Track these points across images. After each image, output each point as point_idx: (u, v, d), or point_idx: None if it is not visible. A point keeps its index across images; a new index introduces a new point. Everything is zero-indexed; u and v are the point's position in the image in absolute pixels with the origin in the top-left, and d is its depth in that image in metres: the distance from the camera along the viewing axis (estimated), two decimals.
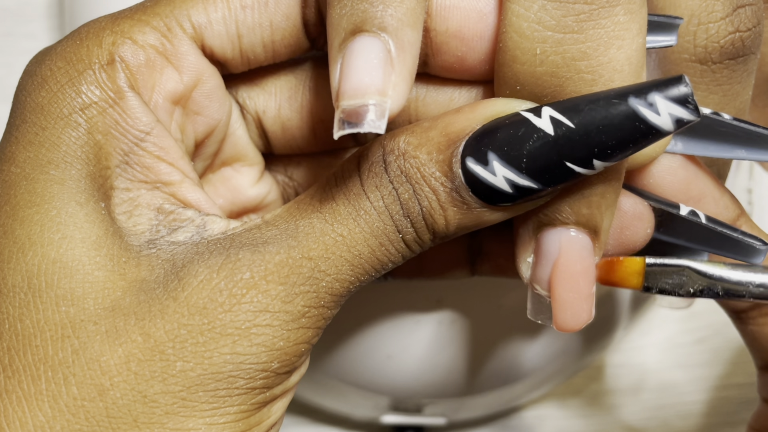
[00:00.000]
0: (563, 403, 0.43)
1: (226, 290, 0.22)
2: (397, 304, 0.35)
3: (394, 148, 0.23)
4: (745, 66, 0.27)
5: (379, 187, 0.23)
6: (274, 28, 0.25)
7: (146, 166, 0.24)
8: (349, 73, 0.21)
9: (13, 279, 0.22)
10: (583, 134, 0.21)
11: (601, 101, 0.21)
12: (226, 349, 0.22)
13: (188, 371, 0.22)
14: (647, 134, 0.21)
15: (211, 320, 0.22)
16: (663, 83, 0.21)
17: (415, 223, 0.23)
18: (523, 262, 0.25)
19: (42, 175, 0.23)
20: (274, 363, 0.23)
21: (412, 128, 0.23)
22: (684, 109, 0.21)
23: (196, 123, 0.26)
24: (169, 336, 0.22)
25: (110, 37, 0.24)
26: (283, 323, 0.22)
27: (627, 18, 0.23)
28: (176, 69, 0.25)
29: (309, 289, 0.23)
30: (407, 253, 0.24)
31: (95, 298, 0.22)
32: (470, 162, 0.22)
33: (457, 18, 0.24)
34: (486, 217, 0.23)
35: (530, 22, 0.22)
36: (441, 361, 0.36)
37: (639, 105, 0.21)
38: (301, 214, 0.24)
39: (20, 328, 0.22)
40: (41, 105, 0.23)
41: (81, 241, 0.23)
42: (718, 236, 0.26)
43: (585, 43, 0.22)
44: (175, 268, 0.23)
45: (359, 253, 0.23)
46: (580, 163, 0.22)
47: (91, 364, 0.22)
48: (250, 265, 0.22)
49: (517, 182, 0.22)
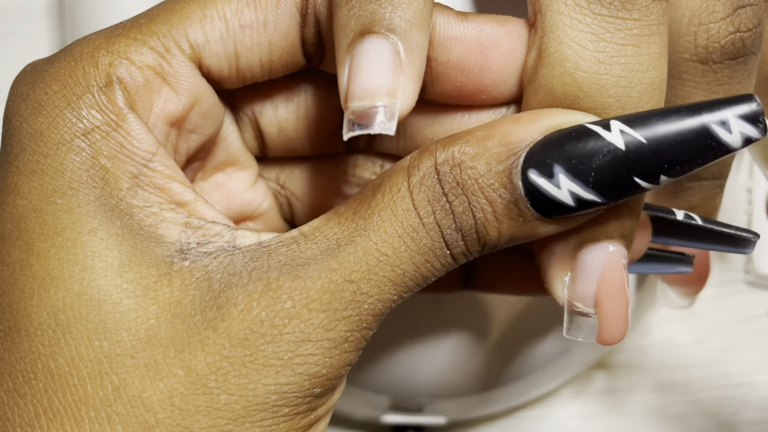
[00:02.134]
0: (563, 403, 0.43)
1: (268, 321, 0.22)
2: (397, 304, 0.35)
3: (449, 159, 0.22)
4: (745, 66, 0.27)
5: (432, 201, 0.22)
6: (272, 48, 0.24)
7: (159, 186, 0.23)
8: (358, 74, 0.21)
9: (39, 317, 0.22)
10: (655, 150, 0.21)
11: (672, 116, 0.21)
12: (269, 380, 0.22)
13: (233, 404, 0.21)
14: (716, 151, 0.21)
15: (253, 352, 0.21)
16: (734, 101, 0.21)
17: (467, 236, 0.22)
18: (559, 282, 0.24)
19: (49, 205, 0.22)
20: (316, 389, 0.22)
21: (466, 137, 0.22)
22: (755, 128, 0.21)
23: (190, 140, 0.25)
24: (210, 369, 0.21)
25: (106, 57, 0.23)
26: (325, 351, 0.22)
27: (667, 37, 0.23)
28: (174, 91, 0.24)
29: (351, 313, 0.22)
30: (452, 266, 0.23)
31: (128, 329, 0.22)
32: (533, 174, 0.22)
33: (459, 50, 0.24)
34: (540, 229, 0.23)
35: (587, 33, 0.22)
36: (441, 361, 0.36)
37: (712, 122, 0.21)
38: (341, 229, 0.23)
39: (54, 367, 0.21)
40: (40, 131, 0.23)
41: (102, 270, 0.22)
42: (713, 233, 0.26)
43: (644, 56, 0.22)
44: (212, 291, 0.22)
45: (403, 271, 0.22)
46: (647, 178, 0.21)
47: (134, 402, 0.21)
48: (290, 293, 0.22)
49: (581, 196, 0.22)
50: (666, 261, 0.29)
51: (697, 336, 0.43)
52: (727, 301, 0.43)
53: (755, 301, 0.43)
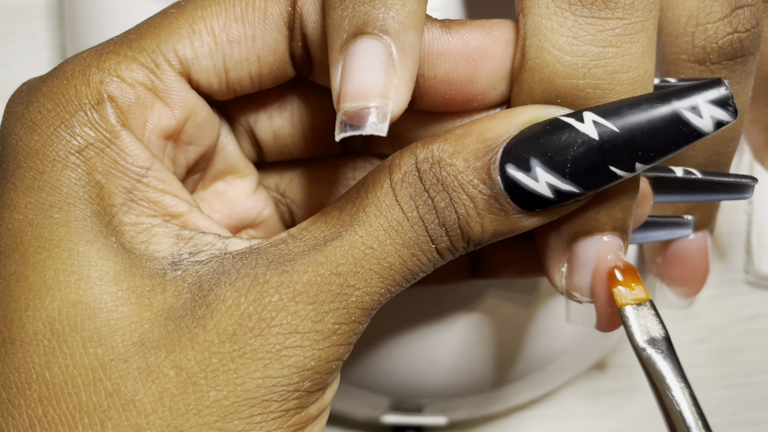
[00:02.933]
0: (563, 403, 0.43)
1: (255, 314, 0.22)
2: (397, 304, 0.35)
3: (428, 157, 0.23)
4: (743, 67, 0.27)
5: (414, 197, 0.23)
6: (261, 63, 0.25)
7: (152, 200, 0.24)
8: (350, 75, 0.21)
9: (34, 326, 0.22)
10: (628, 138, 0.22)
11: (643, 105, 0.22)
12: (257, 374, 0.22)
13: (222, 400, 0.22)
14: (689, 136, 0.22)
15: (242, 346, 0.22)
16: (704, 86, 0.21)
17: (450, 232, 0.23)
18: (556, 273, 0.25)
19: (46, 219, 0.23)
20: (305, 383, 0.22)
21: (445, 135, 0.23)
22: (725, 111, 0.21)
23: (188, 152, 0.26)
24: (200, 366, 0.22)
25: (97, 75, 0.23)
26: (313, 343, 0.22)
27: (654, 32, 0.23)
28: (167, 105, 0.24)
29: (339, 305, 0.22)
30: (439, 262, 0.24)
31: (122, 335, 0.22)
32: (511, 169, 0.22)
33: (445, 65, 0.24)
34: (522, 222, 0.23)
35: (567, 36, 0.23)
36: (441, 361, 0.36)
37: (682, 108, 0.21)
38: (327, 226, 0.23)
39: (49, 376, 0.22)
40: (35, 149, 0.23)
41: (98, 279, 0.22)
42: (713, 184, 0.27)
43: (624, 57, 0.23)
44: (202, 291, 0.22)
45: (390, 264, 0.23)
46: (623, 167, 0.22)
47: (127, 405, 0.21)
48: (278, 286, 0.22)
49: (559, 187, 0.22)
50: (666, 226, 0.29)
51: (697, 336, 0.43)
52: (727, 301, 0.43)
53: (755, 301, 0.43)
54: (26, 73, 0.43)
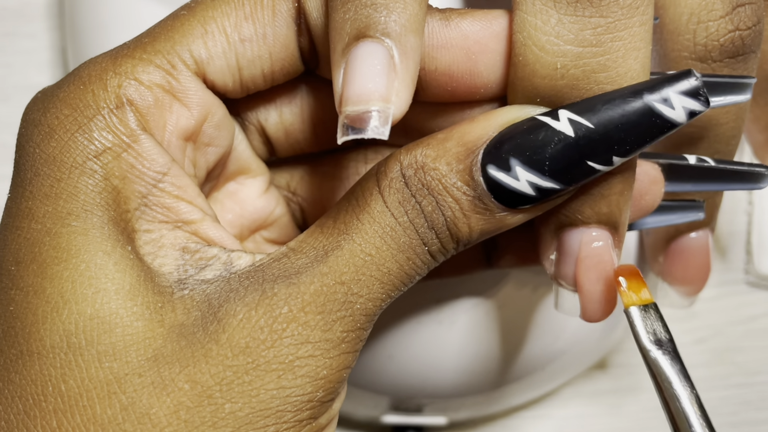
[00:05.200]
0: (563, 403, 0.43)
1: (267, 327, 0.22)
2: (397, 304, 0.34)
3: (412, 162, 0.23)
4: (745, 65, 0.27)
5: (402, 203, 0.23)
6: (273, 59, 0.25)
7: (166, 206, 0.24)
8: (352, 79, 0.21)
9: (51, 339, 0.22)
10: (603, 133, 0.22)
11: (616, 100, 0.22)
12: (271, 385, 0.22)
13: (236, 412, 0.22)
14: (663, 128, 0.22)
15: (255, 358, 0.22)
16: (674, 78, 0.22)
17: (440, 234, 0.23)
18: (546, 260, 0.26)
19: (64, 228, 0.23)
20: (319, 392, 0.23)
21: (427, 141, 0.23)
22: (696, 101, 0.22)
23: (208, 154, 0.26)
24: (215, 380, 0.22)
25: (114, 79, 0.23)
26: (324, 351, 0.22)
27: (642, 29, 0.23)
28: (185, 106, 0.24)
29: (345, 314, 0.23)
30: (432, 264, 0.24)
31: (137, 350, 0.22)
32: (492, 169, 0.23)
33: (446, 58, 0.24)
34: (508, 220, 0.24)
35: (549, 35, 0.23)
36: (441, 361, 0.36)
37: (654, 101, 0.22)
38: (325, 236, 0.23)
39: (64, 389, 0.22)
40: (53, 156, 0.23)
41: (115, 293, 0.22)
42: (727, 173, 0.27)
43: (604, 56, 0.23)
44: (212, 308, 0.22)
45: (388, 270, 0.23)
46: (600, 161, 0.22)
47: (142, 419, 0.22)
48: (286, 298, 0.22)
49: (540, 185, 0.23)
50: (678, 210, 0.30)
51: (697, 336, 0.43)
52: (727, 301, 0.43)
53: (755, 301, 0.43)
54: (26, 73, 0.43)
